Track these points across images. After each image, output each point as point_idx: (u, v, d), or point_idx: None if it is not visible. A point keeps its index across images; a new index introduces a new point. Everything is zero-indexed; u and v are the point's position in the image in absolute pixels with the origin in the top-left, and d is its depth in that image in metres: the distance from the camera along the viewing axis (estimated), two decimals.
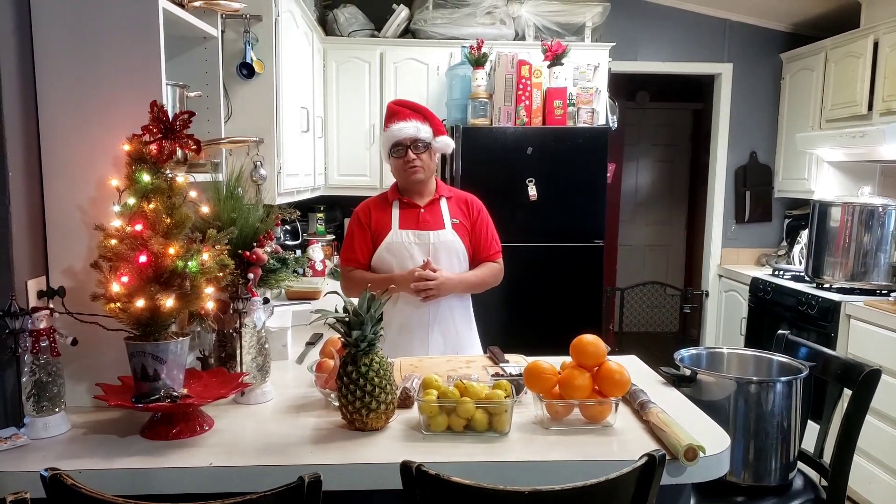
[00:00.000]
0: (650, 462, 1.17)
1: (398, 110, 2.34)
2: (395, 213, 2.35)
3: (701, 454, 1.34)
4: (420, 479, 1.12)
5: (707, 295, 4.85)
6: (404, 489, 1.14)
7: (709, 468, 1.38)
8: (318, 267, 3.59)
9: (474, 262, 2.40)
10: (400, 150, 2.30)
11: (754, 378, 1.83)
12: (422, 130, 2.30)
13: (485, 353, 2.17)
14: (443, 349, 2.33)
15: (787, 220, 4.66)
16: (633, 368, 1.78)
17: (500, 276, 2.44)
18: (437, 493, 1.12)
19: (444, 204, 2.38)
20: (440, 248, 2.31)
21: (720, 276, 4.76)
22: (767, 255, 4.65)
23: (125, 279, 1.41)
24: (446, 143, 2.39)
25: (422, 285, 2.22)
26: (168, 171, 1.49)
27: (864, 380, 1.81)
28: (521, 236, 3.59)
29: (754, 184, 4.68)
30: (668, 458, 1.30)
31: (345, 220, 4.38)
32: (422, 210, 2.35)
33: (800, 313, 3.63)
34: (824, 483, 1.88)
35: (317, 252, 3.63)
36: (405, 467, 1.13)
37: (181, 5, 1.84)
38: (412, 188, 2.35)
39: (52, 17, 1.57)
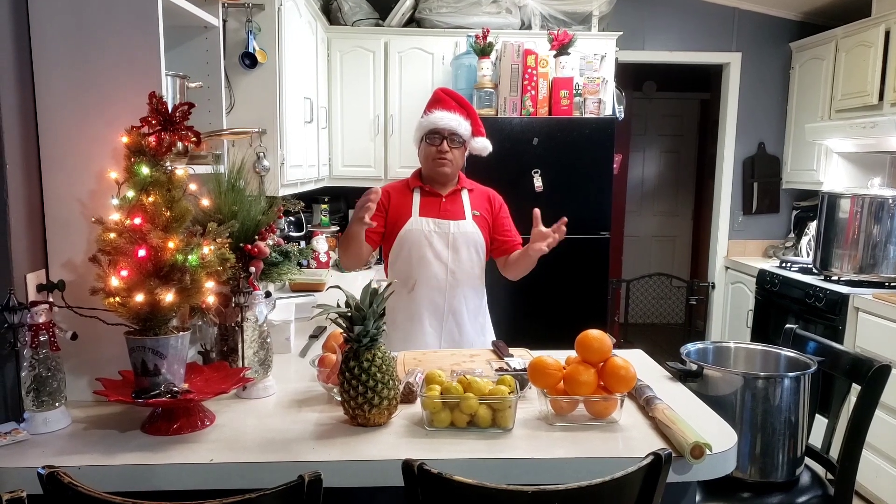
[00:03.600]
0: (656, 461, 1.15)
1: (444, 98, 2.32)
2: (416, 200, 2.32)
3: (707, 452, 1.32)
4: (422, 478, 1.10)
5: (713, 287, 4.82)
6: (406, 488, 1.13)
7: (715, 466, 1.37)
8: (323, 258, 3.58)
9: (501, 254, 2.38)
10: (435, 139, 2.28)
11: (762, 373, 1.81)
12: (462, 125, 2.29)
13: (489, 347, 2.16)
14: (457, 340, 2.32)
15: (795, 212, 4.62)
16: (638, 363, 1.76)
17: None
18: (440, 492, 1.11)
19: (465, 195, 2.36)
20: (459, 238, 2.29)
21: (727, 267, 4.72)
22: (775, 246, 4.61)
23: (124, 273, 1.40)
24: (484, 146, 2.38)
25: (555, 238, 2.19)
26: (168, 164, 1.47)
27: (873, 375, 1.79)
28: (526, 228, 3.54)
29: (762, 175, 4.63)
30: (674, 455, 1.28)
31: (349, 211, 4.37)
32: (443, 199, 2.32)
33: (807, 306, 3.59)
34: (831, 477, 1.86)
35: (321, 243, 3.62)
36: (407, 466, 1.11)
37: None
38: (436, 178, 2.33)
39: (49, 7, 1.55)
